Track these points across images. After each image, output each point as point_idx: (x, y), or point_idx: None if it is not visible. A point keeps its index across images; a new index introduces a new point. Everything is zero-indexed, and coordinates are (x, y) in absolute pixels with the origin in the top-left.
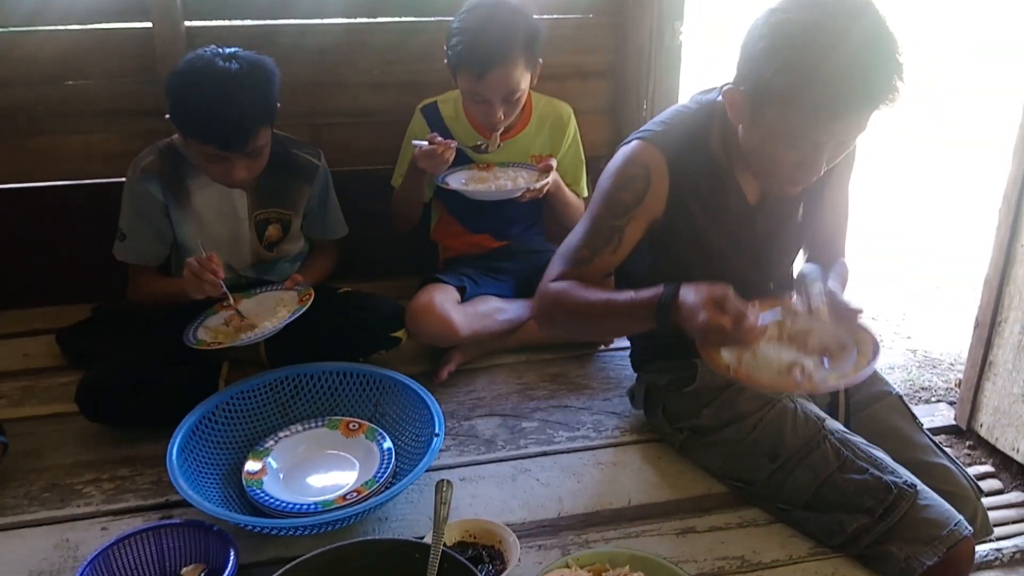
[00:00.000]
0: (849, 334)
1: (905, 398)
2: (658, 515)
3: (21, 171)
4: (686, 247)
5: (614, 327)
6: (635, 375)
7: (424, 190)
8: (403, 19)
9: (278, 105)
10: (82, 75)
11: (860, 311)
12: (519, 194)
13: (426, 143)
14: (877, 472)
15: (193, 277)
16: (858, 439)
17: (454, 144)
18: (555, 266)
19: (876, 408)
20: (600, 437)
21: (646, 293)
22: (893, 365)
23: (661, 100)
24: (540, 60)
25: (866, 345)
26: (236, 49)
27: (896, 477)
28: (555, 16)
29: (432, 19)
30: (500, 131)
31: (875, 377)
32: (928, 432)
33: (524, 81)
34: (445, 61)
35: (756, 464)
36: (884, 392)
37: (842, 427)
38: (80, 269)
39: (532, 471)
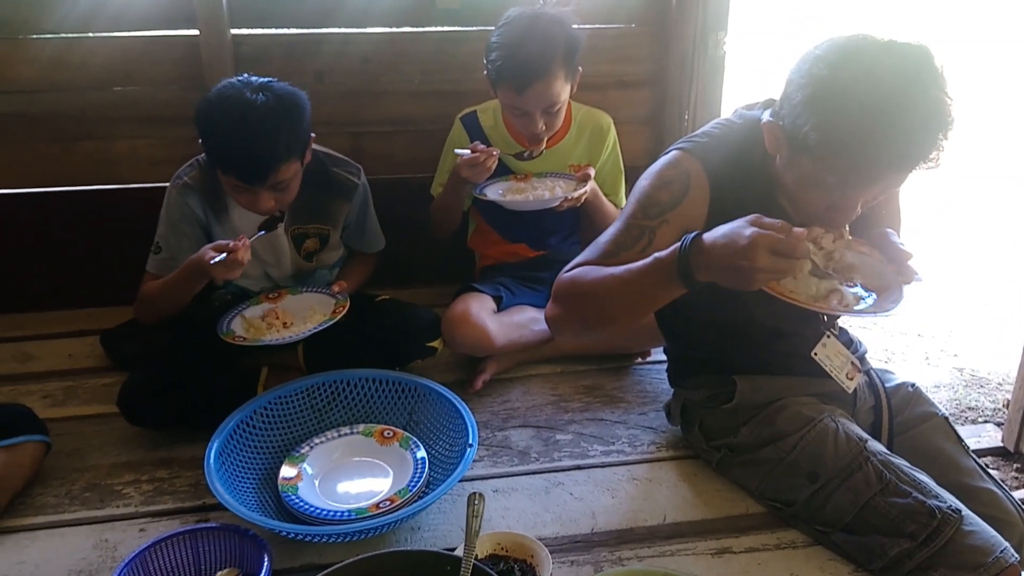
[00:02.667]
0: (896, 275)
1: (951, 418)
2: (694, 534)
3: (69, 174)
4: None
5: (632, 298)
6: (672, 390)
7: (463, 199)
8: (445, 28)
9: (311, 136)
10: (130, 81)
11: (911, 254)
12: (556, 203)
13: (468, 152)
14: (920, 496)
15: (224, 267)
16: (901, 461)
17: (496, 152)
18: (577, 259)
19: (921, 429)
20: (635, 452)
21: (661, 253)
22: (939, 384)
23: (703, 110)
24: (579, 68)
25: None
26: (271, 80)
27: (940, 501)
28: (596, 26)
29: (474, 29)
30: (545, 138)
31: (920, 398)
32: (974, 455)
33: (564, 93)
34: (485, 73)
35: (795, 485)
36: (929, 413)
37: (884, 449)
38: (124, 271)
39: (566, 485)
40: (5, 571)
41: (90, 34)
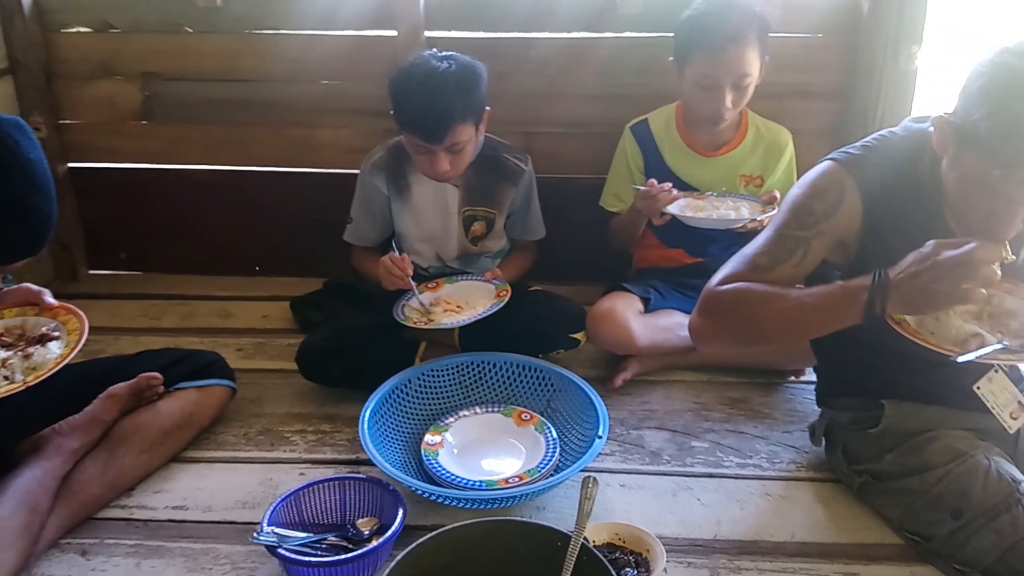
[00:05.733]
0: None
1: None
2: (821, 555)
3: (278, 156)
4: None
5: (804, 322)
6: (819, 410)
7: (641, 224)
8: (623, 34)
9: (486, 107)
10: (336, 76)
11: None
12: (740, 224)
13: (643, 188)
14: None
15: (386, 272)
16: None
17: (671, 188)
18: (725, 270)
19: None
20: (773, 468)
21: (846, 284)
22: None
23: (889, 127)
24: (767, 57)
25: None
26: (454, 53)
27: None
28: (781, 34)
29: (651, 35)
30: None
31: None
32: None
33: (755, 67)
34: (670, 59)
35: (937, 519)
36: None
37: None
38: (318, 247)
39: (694, 490)
40: (185, 494)
41: (306, 32)
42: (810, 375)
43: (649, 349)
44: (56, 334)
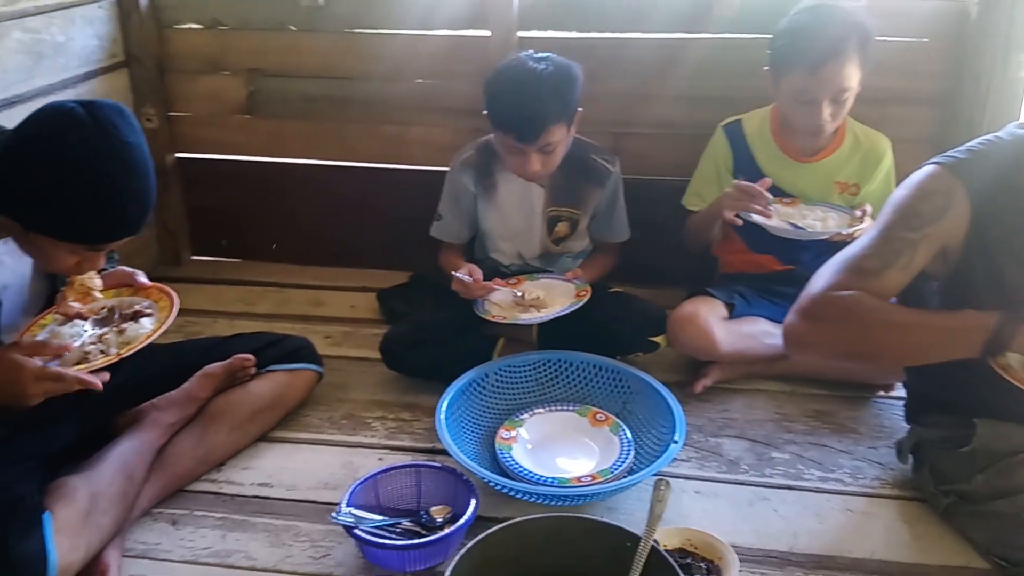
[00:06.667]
0: None
1: None
2: (902, 575)
3: (372, 153)
4: (983, 290)
5: (922, 346)
6: (907, 427)
7: (716, 223)
8: (718, 35)
9: (578, 108)
10: (430, 75)
11: None
12: (827, 236)
13: (747, 183)
14: None
15: (466, 292)
16: None
17: (767, 204)
18: (830, 275)
19: None
20: (855, 484)
21: (973, 314)
22: None
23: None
24: (868, 66)
25: None
26: (550, 54)
27: None
28: (883, 38)
29: (747, 36)
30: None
31: None
32: None
33: (855, 80)
34: (766, 68)
35: None
36: None
37: None
38: (406, 241)
39: (772, 501)
40: (271, 472)
41: (403, 31)
42: (899, 390)
43: (732, 356)
44: (149, 311)
